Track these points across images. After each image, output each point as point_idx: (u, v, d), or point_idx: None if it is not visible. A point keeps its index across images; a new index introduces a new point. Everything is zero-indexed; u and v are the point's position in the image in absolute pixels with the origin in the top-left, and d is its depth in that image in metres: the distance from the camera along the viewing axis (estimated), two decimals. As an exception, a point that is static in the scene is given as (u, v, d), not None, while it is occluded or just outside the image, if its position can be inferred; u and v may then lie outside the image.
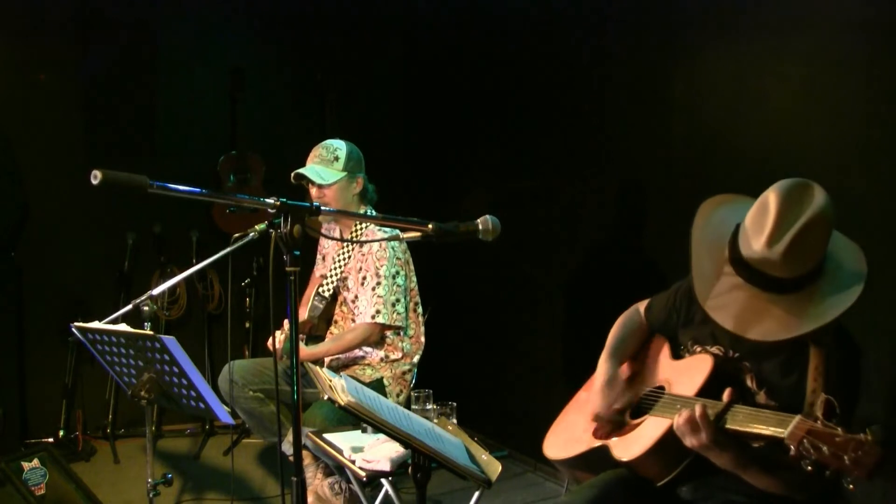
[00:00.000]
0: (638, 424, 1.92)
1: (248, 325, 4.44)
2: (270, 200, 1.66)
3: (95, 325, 2.28)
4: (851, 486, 1.52)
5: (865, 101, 2.43)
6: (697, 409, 1.68)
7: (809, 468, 1.51)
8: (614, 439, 1.95)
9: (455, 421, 2.55)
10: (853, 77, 2.46)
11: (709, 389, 1.79)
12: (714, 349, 1.91)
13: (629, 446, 1.88)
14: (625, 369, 2.12)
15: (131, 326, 2.27)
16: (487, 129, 4.25)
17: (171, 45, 4.43)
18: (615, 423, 2.00)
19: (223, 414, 2.26)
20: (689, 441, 1.70)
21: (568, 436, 2.14)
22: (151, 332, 2.19)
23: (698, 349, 1.95)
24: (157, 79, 4.42)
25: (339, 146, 3.16)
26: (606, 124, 3.45)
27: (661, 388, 1.97)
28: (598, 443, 1.98)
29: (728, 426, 1.68)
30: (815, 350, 1.73)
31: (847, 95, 2.48)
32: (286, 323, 3.05)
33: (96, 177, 1.44)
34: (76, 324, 2.31)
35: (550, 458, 2.14)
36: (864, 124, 2.44)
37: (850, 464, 1.46)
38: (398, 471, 2.40)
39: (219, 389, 3.15)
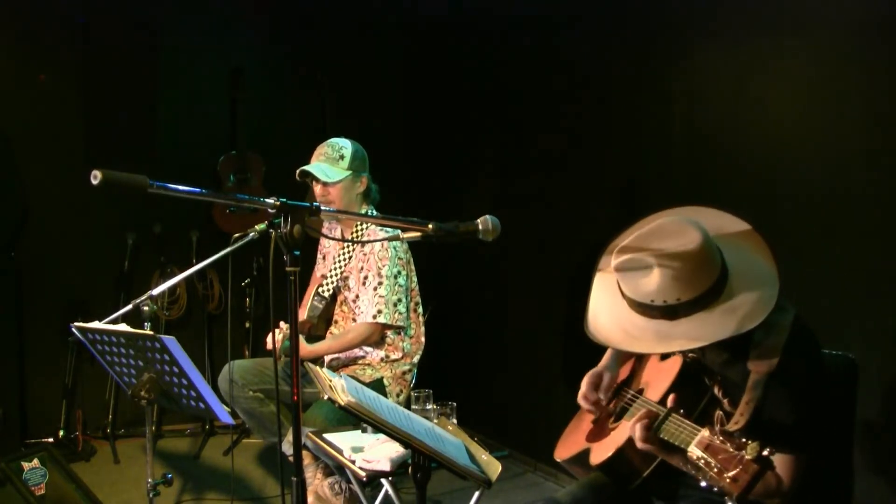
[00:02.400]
0: (613, 429, 1.95)
1: (248, 325, 4.44)
2: (270, 200, 1.66)
3: (95, 325, 2.28)
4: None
5: (865, 101, 2.43)
6: (639, 418, 1.69)
7: (704, 483, 1.45)
8: (595, 444, 1.98)
9: (455, 421, 2.55)
10: (853, 77, 2.46)
11: (676, 393, 1.77)
12: (690, 356, 1.91)
13: (602, 451, 1.90)
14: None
15: (131, 326, 2.27)
16: (487, 129, 4.25)
17: (171, 45, 4.43)
18: (604, 424, 2.02)
19: (223, 414, 2.26)
20: (638, 445, 1.70)
21: (570, 437, 2.17)
22: (151, 332, 2.19)
23: (678, 352, 1.95)
24: (157, 78, 4.42)
25: (344, 145, 3.16)
26: (606, 124, 3.45)
27: (642, 390, 1.99)
28: (585, 445, 2.01)
29: (661, 435, 1.65)
30: (755, 363, 1.70)
31: (847, 95, 2.48)
32: (282, 323, 3.06)
33: (96, 177, 1.43)
34: (76, 324, 2.31)
35: (556, 459, 2.15)
36: (864, 124, 2.44)
37: (729, 481, 1.39)
38: (398, 471, 2.40)
39: (219, 389, 3.14)
